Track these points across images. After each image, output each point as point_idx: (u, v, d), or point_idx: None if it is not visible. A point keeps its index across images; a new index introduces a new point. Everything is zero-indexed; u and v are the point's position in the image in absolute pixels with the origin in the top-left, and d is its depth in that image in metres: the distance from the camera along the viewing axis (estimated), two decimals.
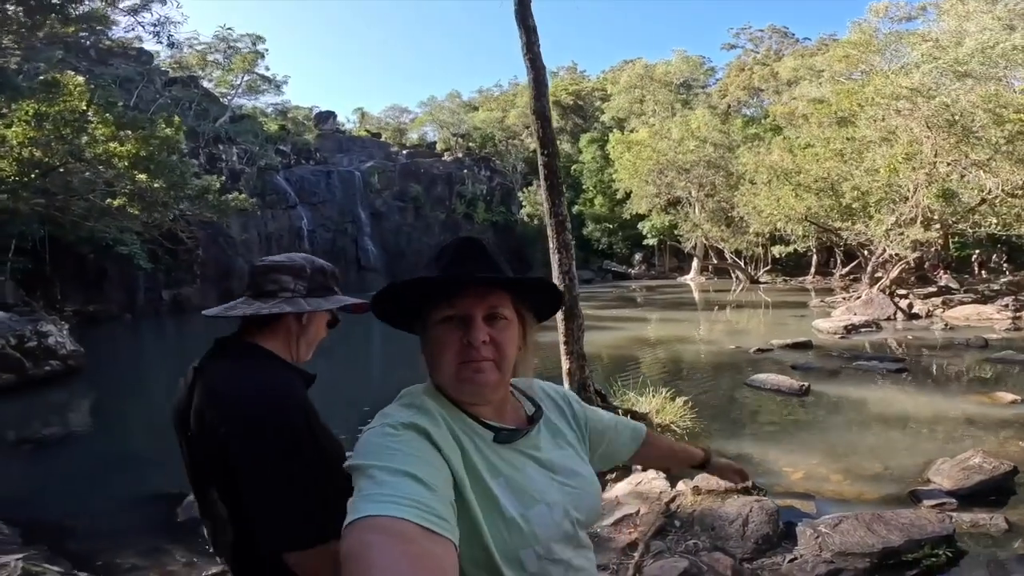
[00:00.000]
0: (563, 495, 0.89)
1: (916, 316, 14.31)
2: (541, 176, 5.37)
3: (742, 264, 29.72)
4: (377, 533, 0.61)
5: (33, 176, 13.34)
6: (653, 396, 5.48)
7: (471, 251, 0.91)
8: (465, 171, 39.16)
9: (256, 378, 1.22)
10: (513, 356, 0.89)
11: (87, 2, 14.92)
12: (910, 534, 3.23)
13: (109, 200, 15.27)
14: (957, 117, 14.70)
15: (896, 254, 17.27)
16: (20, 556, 3.13)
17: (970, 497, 4.06)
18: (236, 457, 1.13)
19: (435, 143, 44.28)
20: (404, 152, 41.71)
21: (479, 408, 0.89)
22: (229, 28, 31.70)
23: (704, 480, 4.08)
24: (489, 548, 0.79)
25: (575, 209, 36.90)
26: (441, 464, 0.77)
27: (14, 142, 12.84)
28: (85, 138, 13.88)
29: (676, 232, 30.33)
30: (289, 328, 1.37)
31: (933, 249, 19.49)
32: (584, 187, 37.23)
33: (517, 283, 0.90)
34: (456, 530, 0.68)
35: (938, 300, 15.75)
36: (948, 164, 15.55)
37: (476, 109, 45.87)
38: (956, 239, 21.70)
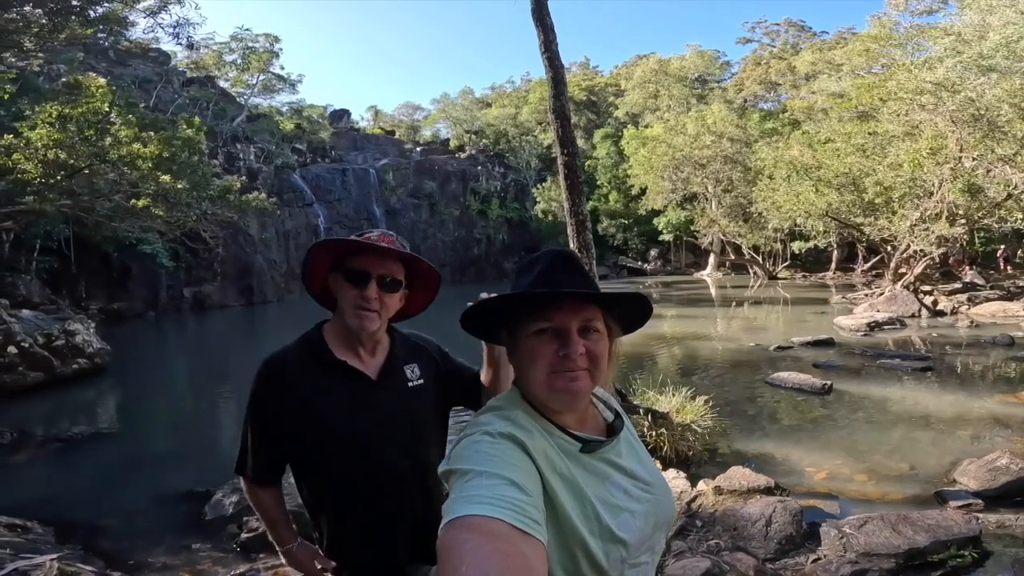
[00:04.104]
0: (644, 502, 0.92)
1: (941, 313, 14.06)
2: (561, 175, 5.33)
3: (760, 260, 29.39)
4: (471, 531, 0.65)
5: (59, 178, 13.52)
6: (673, 395, 5.44)
7: (564, 265, 0.93)
8: (479, 168, 39.20)
9: None
10: (605, 367, 0.92)
11: (105, 3, 15.02)
12: (936, 535, 3.21)
13: (133, 201, 15.48)
14: (983, 112, 14.39)
15: (920, 250, 16.94)
16: (55, 556, 3.20)
17: (997, 498, 4.03)
18: None
19: (448, 140, 44.30)
20: (418, 149, 41.87)
21: (563, 417, 0.91)
22: (247, 29, 31.93)
23: (726, 480, 4.06)
24: (579, 554, 0.81)
25: (589, 205, 36.63)
26: (534, 473, 0.80)
27: (39, 144, 12.98)
28: (109, 140, 14.01)
29: (692, 228, 30.05)
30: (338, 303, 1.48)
31: (958, 244, 19.09)
32: (598, 183, 37.02)
33: (613, 298, 0.93)
34: (546, 533, 0.71)
35: (963, 297, 15.44)
36: (974, 159, 15.21)
37: (489, 106, 45.76)
38: (981, 234, 21.25)
